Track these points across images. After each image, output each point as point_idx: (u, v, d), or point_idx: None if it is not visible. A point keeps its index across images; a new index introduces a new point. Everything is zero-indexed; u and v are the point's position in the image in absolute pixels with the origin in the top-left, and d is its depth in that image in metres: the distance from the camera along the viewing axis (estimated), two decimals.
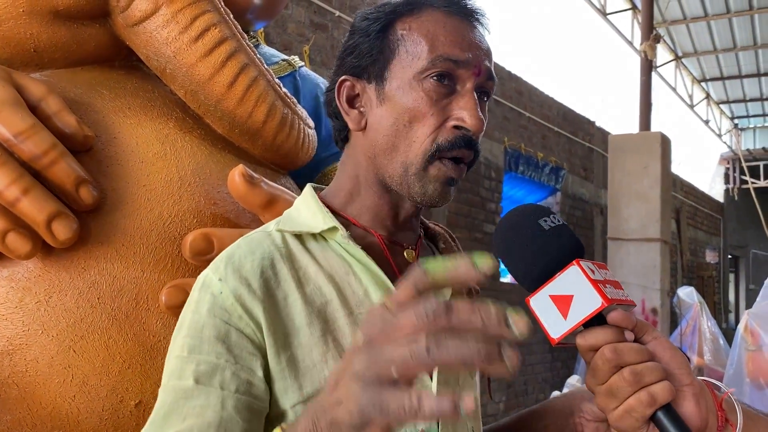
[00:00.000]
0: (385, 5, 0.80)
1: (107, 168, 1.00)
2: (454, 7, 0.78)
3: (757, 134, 14.83)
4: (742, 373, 3.67)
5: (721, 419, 0.65)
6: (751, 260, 14.80)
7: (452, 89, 0.76)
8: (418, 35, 0.76)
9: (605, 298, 0.63)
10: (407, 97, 0.75)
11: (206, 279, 0.74)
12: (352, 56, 0.80)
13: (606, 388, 0.62)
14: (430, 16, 0.77)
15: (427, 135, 0.75)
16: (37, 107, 0.96)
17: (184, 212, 1.02)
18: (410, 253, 0.82)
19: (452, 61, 0.75)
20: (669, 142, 5.03)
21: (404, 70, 0.76)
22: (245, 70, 1.10)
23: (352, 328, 0.73)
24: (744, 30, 9.39)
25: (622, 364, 0.62)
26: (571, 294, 0.64)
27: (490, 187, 5.77)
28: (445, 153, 0.75)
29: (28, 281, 0.94)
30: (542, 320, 0.66)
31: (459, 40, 0.76)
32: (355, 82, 0.80)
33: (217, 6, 1.12)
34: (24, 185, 0.88)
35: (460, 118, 0.75)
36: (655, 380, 0.61)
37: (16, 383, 0.93)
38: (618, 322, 0.64)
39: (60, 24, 1.06)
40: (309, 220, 0.78)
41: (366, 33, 0.78)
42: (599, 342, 0.64)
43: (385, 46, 0.77)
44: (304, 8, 3.87)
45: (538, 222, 0.69)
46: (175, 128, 1.09)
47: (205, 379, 0.66)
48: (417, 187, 0.76)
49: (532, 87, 6.56)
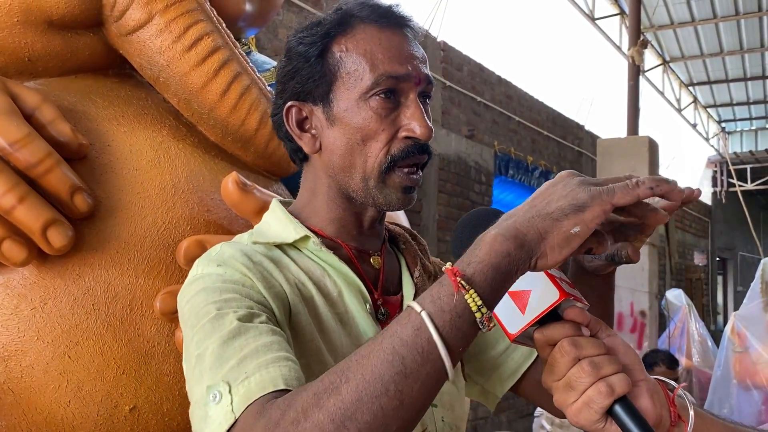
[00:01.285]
0: (317, 26, 0.80)
1: (101, 176, 1.01)
2: (384, 20, 0.79)
3: (744, 138, 14.96)
4: (729, 374, 3.71)
5: (674, 415, 0.67)
6: (739, 262, 14.91)
7: (397, 102, 0.78)
8: (356, 56, 0.77)
9: (562, 291, 0.64)
10: (356, 117, 0.77)
11: (203, 269, 0.74)
12: (293, 81, 0.80)
13: (564, 382, 0.63)
14: (363, 33, 0.78)
15: (380, 149, 0.77)
16: (32, 116, 0.97)
17: (177, 219, 1.03)
18: (376, 259, 0.85)
19: (394, 78, 0.77)
20: (657, 147, 5.08)
21: (349, 92, 0.78)
22: (238, 79, 1.11)
23: (332, 323, 0.76)
24: (730, 35, 9.49)
25: (580, 356, 0.63)
26: (529, 289, 0.65)
27: (480, 191, 5.80)
28: (400, 162, 0.78)
29: (24, 288, 0.95)
30: (500, 316, 0.66)
31: (396, 55, 0.78)
32: (301, 106, 0.81)
33: (209, 15, 1.13)
34: (20, 193, 0.89)
35: (410, 129, 0.78)
36: (612, 372, 0.62)
37: (12, 389, 0.94)
38: (574, 317, 0.65)
39: (54, 33, 1.07)
40: (281, 232, 0.80)
41: (305, 58, 0.79)
42: (557, 336, 0.64)
43: (325, 69, 0.78)
44: (295, 14, 3.88)
45: (496, 221, 0.70)
46: (168, 136, 1.11)
47: (246, 320, 0.66)
48: (380, 198, 0.79)
49: (521, 91, 6.60)
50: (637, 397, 0.64)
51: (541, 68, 8.33)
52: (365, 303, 0.79)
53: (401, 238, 0.91)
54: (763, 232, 15.38)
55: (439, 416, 0.82)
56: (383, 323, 0.80)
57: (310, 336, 0.74)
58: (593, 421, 0.63)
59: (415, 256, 0.89)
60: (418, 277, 0.86)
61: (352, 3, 0.81)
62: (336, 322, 0.77)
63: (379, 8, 0.80)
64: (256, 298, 0.70)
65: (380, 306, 0.81)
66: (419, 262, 0.88)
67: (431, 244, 5.08)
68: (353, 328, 0.78)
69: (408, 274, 0.87)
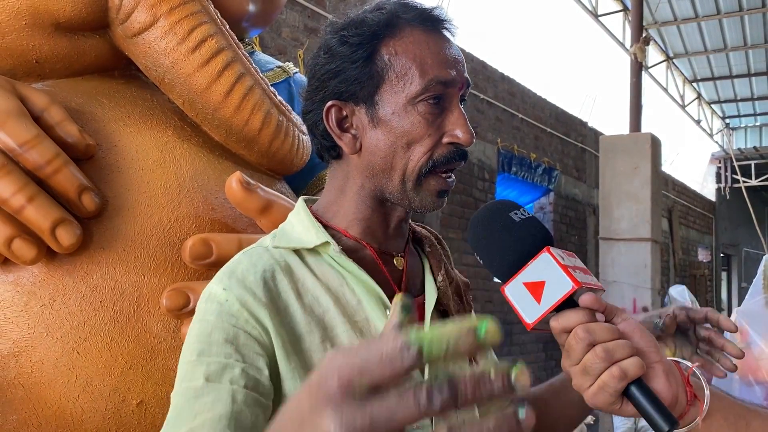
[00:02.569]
0: (362, 26, 0.79)
1: (108, 175, 1.03)
2: (430, 23, 0.80)
3: (748, 134, 14.93)
4: None
5: (690, 395, 0.69)
6: (743, 258, 14.90)
7: (442, 107, 0.79)
8: (406, 60, 0.78)
9: (575, 281, 0.66)
10: (404, 121, 0.77)
11: (211, 291, 0.75)
12: (336, 80, 0.80)
13: (580, 367, 0.66)
14: (411, 36, 0.79)
15: (424, 153, 0.78)
16: (41, 117, 0.99)
17: (183, 218, 1.05)
18: (399, 260, 0.85)
19: (442, 83, 0.78)
20: (659, 143, 5.08)
21: (396, 95, 0.78)
22: (241, 80, 1.13)
23: (349, 334, 0.76)
24: (734, 31, 9.47)
25: (594, 342, 0.65)
26: (543, 280, 0.67)
27: (483, 188, 5.81)
28: (441, 167, 0.79)
29: (33, 285, 0.97)
30: (517, 307, 0.69)
31: (444, 60, 0.79)
32: (343, 105, 0.80)
33: (213, 17, 1.15)
34: (29, 193, 0.91)
35: (454, 135, 0.78)
36: (625, 356, 0.65)
37: (22, 384, 0.97)
38: (589, 304, 0.67)
39: (61, 36, 1.09)
40: (303, 236, 0.81)
41: (351, 59, 0.78)
42: (572, 323, 0.67)
43: (373, 72, 0.78)
44: (298, 13, 3.90)
45: (509, 215, 0.73)
46: (173, 136, 1.12)
47: (215, 377, 0.67)
48: (416, 200, 0.80)
49: (524, 88, 6.61)
50: (652, 378, 0.67)
51: (544, 65, 8.34)
52: (385, 309, 0.79)
53: (427, 241, 0.91)
54: (767, 228, 15.36)
55: (462, 418, 0.83)
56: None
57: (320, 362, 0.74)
58: (609, 403, 0.66)
59: (440, 260, 0.89)
60: (441, 282, 0.86)
61: (394, 3, 0.81)
62: (354, 333, 0.77)
63: (424, 11, 0.80)
64: (241, 341, 0.71)
65: None
66: (443, 267, 0.88)
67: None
68: (373, 335, 0.78)
69: (431, 277, 0.87)
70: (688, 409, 0.69)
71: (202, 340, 0.71)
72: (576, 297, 0.68)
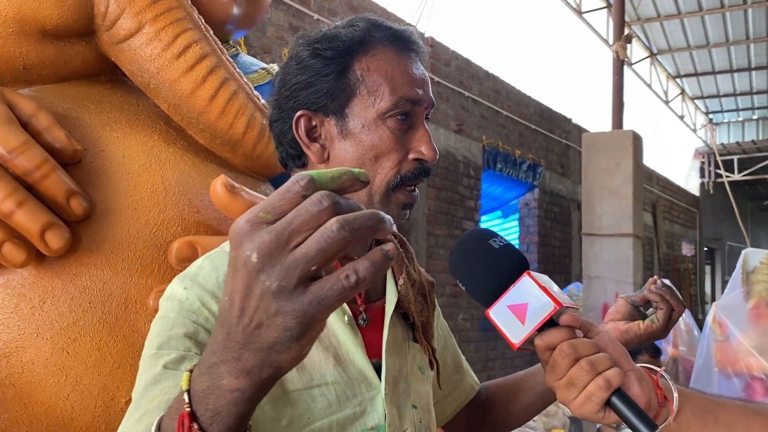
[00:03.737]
0: (335, 40, 0.81)
1: (96, 180, 1.06)
2: (401, 44, 0.83)
3: (731, 129, 15.10)
4: (711, 363, 3.79)
5: (661, 396, 0.75)
6: (727, 252, 15.08)
7: (410, 125, 0.82)
8: (377, 76, 0.81)
9: (557, 302, 0.71)
10: (372, 135, 0.80)
11: (172, 291, 0.77)
12: (307, 92, 0.81)
13: (566, 380, 0.71)
14: (383, 55, 0.82)
15: (392, 168, 0.81)
16: (29, 123, 1.01)
17: (169, 220, 1.08)
18: None
19: (411, 102, 0.81)
20: (640, 140, 5.15)
21: (367, 110, 0.80)
22: (225, 84, 1.16)
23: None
24: (716, 27, 9.57)
25: (578, 357, 0.70)
26: (526, 302, 0.72)
27: (468, 185, 5.86)
28: (407, 183, 0.82)
29: (23, 288, 0.99)
30: (503, 329, 0.73)
31: (413, 80, 0.82)
32: (312, 115, 0.82)
33: (197, 24, 1.18)
34: (18, 198, 0.94)
35: (420, 152, 0.82)
36: (607, 367, 0.70)
37: (13, 384, 0.99)
38: (570, 322, 0.72)
39: (48, 42, 1.11)
40: None
41: (323, 72, 0.81)
42: (556, 341, 0.71)
43: (345, 85, 0.81)
44: (283, 12, 3.91)
45: (489, 242, 0.77)
46: (159, 140, 1.15)
47: (172, 366, 0.68)
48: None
49: (509, 86, 6.66)
50: (628, 386, 0.72)
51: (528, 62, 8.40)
52: (344, 315, 0.81)
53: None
54: (750, 222, 15.56)
55: (418, 417, 0.87)
56: (364, 329, 0.83)
57: None
58: (594, 412, 0.71)
59: (401, 264, 0.91)
60: (402, 285, 0.88)
61: (367, 21, 0.83)
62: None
63: (396, 32, 0.84)
64: (200, 338, 0.72)
65: (362, 312, 0.84)
66: (404, 270, 0.91)
67: (421, 238, 5.14)
68: (332, 341, 0.80)
69: (393, 281, 0.89)
70: (660, 410, 0.74)
71: (162, 335, 0.72)
72: (556, 317, 0.72)
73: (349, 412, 0.77)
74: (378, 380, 0.81)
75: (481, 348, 5.88)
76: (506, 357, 6.29)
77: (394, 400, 0.82)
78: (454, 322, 5.46)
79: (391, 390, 0.82)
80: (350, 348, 0.80)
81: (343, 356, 0.79)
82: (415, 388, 0.88)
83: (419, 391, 0.89)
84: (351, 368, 0.79)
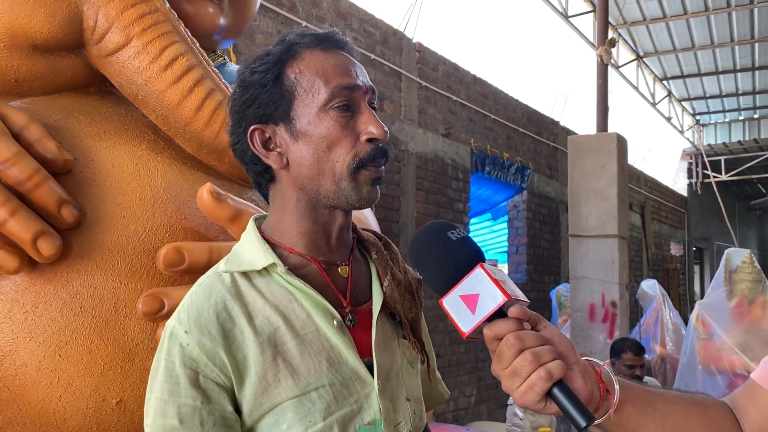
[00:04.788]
0: (267, 56, 0.88)
1: (86, 189, 1.09)
2: (327, 43, 0.89)
3: (717, 130, 15.23)
4: (695, 360, 3.85)
5: (603, 390, 0.78)
6: (715, 252, 15.19)
7: (353, 112, 0.87)
8: (309, 74, 0.86)
9: (506, 294, 0.74)
10: (319, 128, 0.85)
11: (173, 330, 0.82)
12: (252, 108, 0.87)
13: (510, 370, 0.73)
14: (312, 56, 0.87)
15: (347, 153, 0.85)
16: (20, 135, 1.04)
17: (157, 227, 1.11)
18: (344, 269, 0.92)
19: (347, 89, 0.86)
20: (625, 142, 5.23)
21: (308, 107, 0.86)
22: (211, 95, 1.20)
23: (300, 347, 0.83)
24: (701, 30, 9.68)
25: (523, 348, 0.73)
26: (478, 293, 0.75)
27: (457, 188, 5.91)
28: (368, 164, 0.87)
29: (16, 293, 1.03)
30: (454, 317, 0.76)
31: (344, 70, 0.87)
32: (263, 128, 0.87)
33: (184, 36, 1.21)
34: (11, 207, 0.97)
35: (369, 132, 0.86)
36: (550, 359, 0.73)
37: (7, 386, 1.03)
38: (517, 314, 0.75)
39: (39, 56, 1.15)
40: (253, 257, 0.87)
41: (261, 85, 0.87)
42: (503, 331, 0.74)
43: (283, 91, 0.86)
44: (272, 19, 3.95)
45: (447, 234, 0.80)
46: (147, 149, 1.19)
47: (187, 419, 0.78)
48: (353, 195, 0.86)
49: (496, 89, 6.72)
50: (572, 379, 0.75)
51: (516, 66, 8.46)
52: (333, 319, 0.85)
53: (374, 248, 0.97)
54: (738, 222, 15.69)
55: (412, 409, 0.91)
56: (354, 330, 0.87)
57: (274, 378, 0.82)
58: (535, 401, 0.73)
59: (386, 265, 0.94)
60: (387, 287, 0.92)
61: (294, 34, 0.90)
62: (305, 345, 0.83)
63: (319, 35, 0.90)
64: (201, 382, 0.80)
65: (348, 313, 0.88)
66: (389, 271, 0.94)
67: (410, 240, 5.18)
68: (324, 344, 0.84)
69: (378, 282, 0.93)
70: (602, 402, 0.78)
71: (171, 381, 0.80)
72: (505, 308, 0.76)
73: (347, 410, 0.83)
74: (371, 377, 0.86)
75: (471, 349, 5.92)
76: None
77: (388, 394, 0.87)
78: (445, 324, 5.51)
79: (384, 386, 0.87)
80: (342, 349, 0.85)
81: (335, 358, 0.84)
82: (407, 382, 0.93)
83: (411, 385, 0.94)
84: (344, 368, 0.84)
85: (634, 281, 8.85)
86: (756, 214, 19.46)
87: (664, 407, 0.82)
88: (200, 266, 1.05)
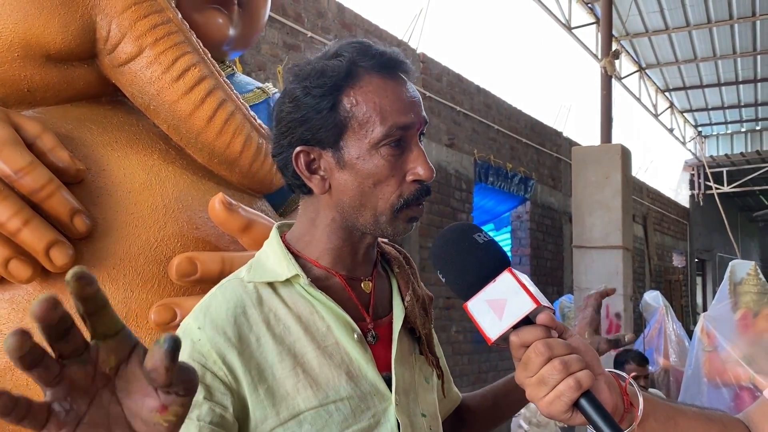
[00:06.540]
0: (323, 77, 0.84)
1: (98, 198, 1.09)
2: (387, 70, 0.85)
3: (720, 141, 15.27)
4: (699, 373, 3.83)
5: (627, 402, 0.77)
6: (717, 263, 15.16)
7: (403, 148, 0.85)
8: (366, 108, 0.83)
9: (536, 300, 0.72)
10: (368, 164, 0.83)
11: (186, 327, 0.82)
12: (303, 128, 0.85)
13: (537, 378, 0.72)
14: (370, 85, 0.84)
15: (392, 192, 0.84)
16: (34, 144, 1.04)
17: (168, 237, 1.11)
18: (367, 284, 0.91)
19: (401, 128, 0.83)
20: (629, 154, 5.23)
21: (359, 141, 0.83)
22: (223, 106, 1.20)
23: (319, 359, 0.82)
24: (703, 42, 9.73)
25: (552, 356, 0.71)
26: (505, 298, 0.73)
27: (461, 198, 5.92)
28: (412, 204, 0.86)
29: (28, 303, 1.02)
30: (479, 322, 0.74)
31: (402, 106, 0.84)
32: (310, 150, 0.85)
33: (196, 47, 1.22)
34: (24, 217, 0.97)
35: (416, 173, 0.84)
36: (579, 369, 0.71)
37: None
38: (546, 322, 0.73)
39: (51, 66, 1.15)
40: (276, 267, 0.86)
41: (315, 110, 0.84)
42: (531, 339, 0.72)
43: (337, 120, 0.83)
44: (277, 30, 3.97)
45: (473, 237, 0.78)
46: (159, 159, 1.19)
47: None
48: (389, 229, 0.86)
49: (500, 100, 6.74)
50: (598, 390, 0.74)
51: (519, 77, 8.48)
52: (353, 332, 0.84)
53: (395, 262, 0.96)
54: (740, 234, 15.68)
55: (428, 425, 0.91)
56: (373, 346, 0.87)
57: (293, 387, 0.80)
58: (562, 411, 0.72)
59: (408, 280, 0.94)
60: (408, 301, 0.91)
61: (353, 49, 0.85)
62: (324, 357, 0.83)
63: (382, 57, 0.85)
64: (207, 380, 0.78)
65: (371, 329, 0.88)
66: (411, 286, 0.93)
67: (413, 251, 5.18)
68: (344, 358, 0.84)
69: (399, 297, 0.93)
70: (625, 415, 0.77)
71: None
72: (532, 315, 0.74)
73: (364, 424, 0.82)
74: (389, 392, 0.85)
75: (474, 360, 5.90)
76: (499, 369, 6.32)
77: (406, 410, 0.87)
78: (447, 335, 5.49)
79: (402, 401, 0.86)
80: (361, 363, 0.84)
81: (355, 372, 0.84)
82: (423, 398, 0.92)
83: (427, 400, 0.93)
84: (363, 382, 0.84)
85: (637, 292, 8.84)
86: (758, 226, 19.45)
87: (685, 423, 0.82)
88: (212, 276, 1.05)
